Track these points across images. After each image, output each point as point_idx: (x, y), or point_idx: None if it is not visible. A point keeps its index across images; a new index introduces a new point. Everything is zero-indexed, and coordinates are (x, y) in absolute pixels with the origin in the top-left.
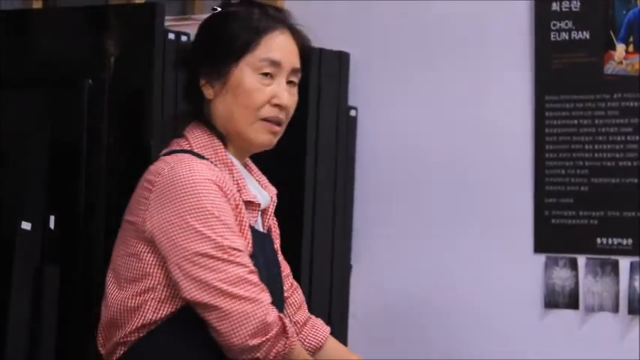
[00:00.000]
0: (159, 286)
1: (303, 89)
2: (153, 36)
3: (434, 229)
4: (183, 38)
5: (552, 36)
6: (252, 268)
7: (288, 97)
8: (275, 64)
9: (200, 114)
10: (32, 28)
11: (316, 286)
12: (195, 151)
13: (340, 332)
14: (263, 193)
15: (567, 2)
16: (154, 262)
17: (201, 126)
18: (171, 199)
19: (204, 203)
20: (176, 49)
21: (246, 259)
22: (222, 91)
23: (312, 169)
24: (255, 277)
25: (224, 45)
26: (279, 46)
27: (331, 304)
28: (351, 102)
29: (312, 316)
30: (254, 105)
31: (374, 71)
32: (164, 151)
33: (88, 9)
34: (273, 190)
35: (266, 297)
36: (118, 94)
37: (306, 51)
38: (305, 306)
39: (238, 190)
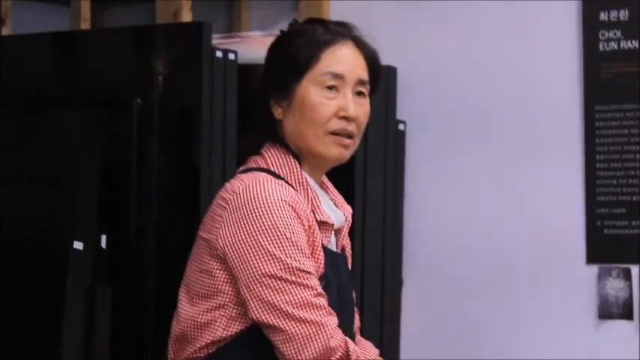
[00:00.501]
0: (230, 304)
1: None
2: (200, 55)
3: (486, 238)
4: (231, 56)
5: (601, 46)
6: (320, 291)
7: (356, 109)
8: (338, 76)
9: (274, 134)
10: (80, 49)
11: (367, 303)
12: (272, 169)
13: (391, 351)
14: (337, 212)
15: (615, 12)
16: (225, 280)
17: (276, 145)
18: (244, 219)
19: (277, 224)
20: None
21: (315, 282)
22: (289, 110)
23: (361, 183)
24: (321, 300)
25: (287, 63)
26: (341, 59)
27: (382, 320)
28: (399, 116)
29: (362, 339)
30: (320, 119)
31: (421, 85)
32: (241, 169)
33: (135, 29)
34: (349, 210)
35: (331, 321)
36: (167, 113)
37: (373, 62)
38: (359, 332)
39: (312, 210)
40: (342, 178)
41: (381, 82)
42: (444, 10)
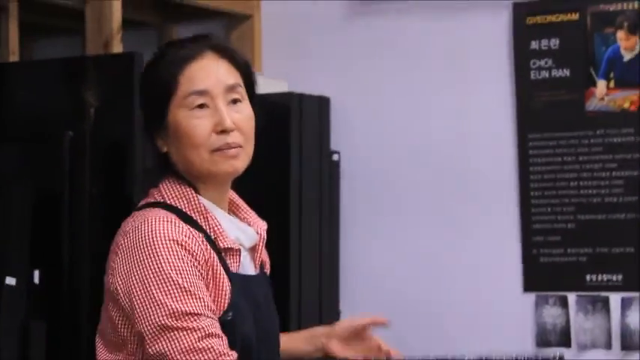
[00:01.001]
0: (138, 353)
1: (284, 135)
2: (132, 86)
3: (422, 272)
4: None
5: (532, 74)
6: (211, 331)
7: (233, 118)
8: (203, 93)
9: (167, 167)
10: (10, 82)
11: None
12: (168, 202)
13: None
14: (248, 231)
15: (546, 40)
16: (128, 328)
17: (172, 176)
18: (132, 263)
19: (163, 266)
20: None
21: (205, 323)
22: (170, 141)
23: (296, 215)
24: (210, 342)
25: (152, 95)
26: (201, 74)
27: None
28: (333, 146)
29: None
30: (199, 142)
31: (355, 115)
32: (140, 204)
33: (65, 60)
34: (263, 226)
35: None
36: (99, 145)
37: (239, 63)
38: None
39: (215, 238)
40: (278, 209)
41: (254, 79)
42: (377, 41)
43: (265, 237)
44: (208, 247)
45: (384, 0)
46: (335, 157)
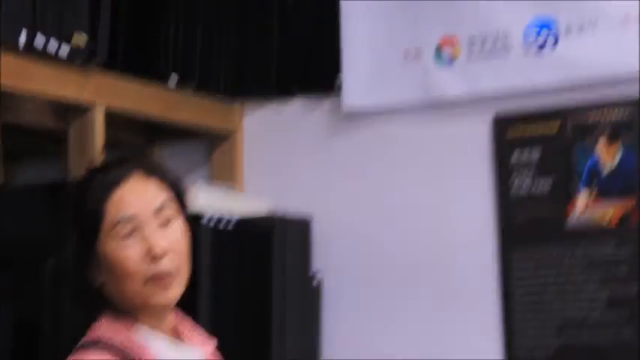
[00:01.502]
0: None
1: (266, 257)
2: None
3: None
4: None
5: (514, 189)
6: None
7: (164, 241)
8: (130, 219)
9: (103, 301)
10: None
11: None
12: (104, 340)
13: None
14: (194, 354)
15: (528, 153)
16: None
17: (109, 309)
18: None
19: None
20: None
21: None
22: (103, 273)
23: (278, 336)
24: None
25: (80, 227)
26: (126, 200)
27: None
28: (315, 267)
29: None
30: (131, 272)
31: (337, 236)
32: (80, 341)
33: (46, 186)
34: (209, 347)
35: None
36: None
37: (166, 178)
38: None
39: None
40: (259, 330)
41: (184, 193)
42: (357, 157)
43: (216, 356)
44: None
45: (364, 115)
46: (318, 277)
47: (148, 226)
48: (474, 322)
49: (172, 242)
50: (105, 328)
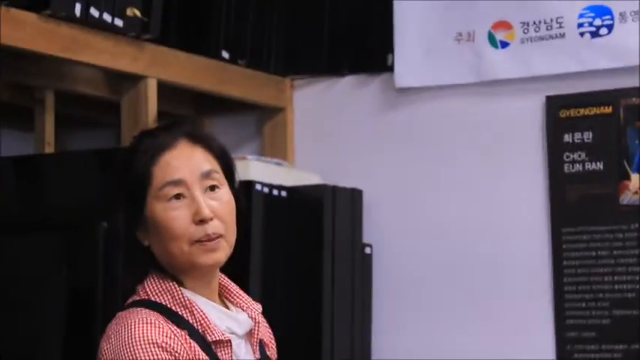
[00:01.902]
0: None
1: (317, 227)
2: None
3: None
4: None
5: (566, 167)
6: None
7: (211, 206)
8: (178, 183)
9: (150, 263)
10: (44, 173)
11: None
12: (152, 299)
13: None
14: (240, 318)
15: (579, 134)
16: None
17: (156, 272)
18: None
19: None
20: None
21: None
22: (150, 235)
23: (329, 306)
24: None
25: (128, 191)
26: (173, 164)
27: None
28: (365, 239)
29: None
30: (178, 234)
31: (388, 209)
32: (126, 302)
33: (98, 152)
34: (256, 309)
35: None
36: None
37: (214, 148)
38: None
39: (203, 332)
40: (310, 301)
41: (233, 164)
42: (409, 134)
43: (261, 320)
44: (192, 344)
45: (416, 92)
46: (367, 250)
47: (195, 190)
48: (525, 299)
49: (218, 207)
50: (151, 288)
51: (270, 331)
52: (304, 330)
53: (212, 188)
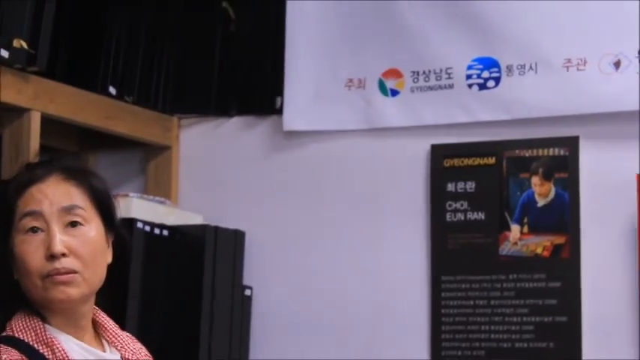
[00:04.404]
0: None
1: (198, 267)
2: None
3: None
4: None
5: (448, 216)
6: None
7: (67, 242)
8: (34, 214)
9: (20, 298)
10: None
11: None
12: (16, 336)
13: None
14: (109, 358)
15: (462, 183)
16: None
17: (25, 308)
18: None
19: None
20: None
21: None
22: (16, 269)
23: (206, 349)
24: None
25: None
26: (36, 197)
27: None
28: (246, 281)
29: None
30: (30, 268)
31: (269, 251)
32: None
33: None
34: (133, 350)
35: None
36: None
37: (88, 184)
38: None
39: None
40: (188, 342)
41: (110, 202)
42: (293, 177)
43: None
44: None
45: (302, 136)
46: (247, 292)
47: (52, 225)
48: (403, 344)
49: (76, 244)
50: (17, 324)
51: None
52: None
53: (73, 224)
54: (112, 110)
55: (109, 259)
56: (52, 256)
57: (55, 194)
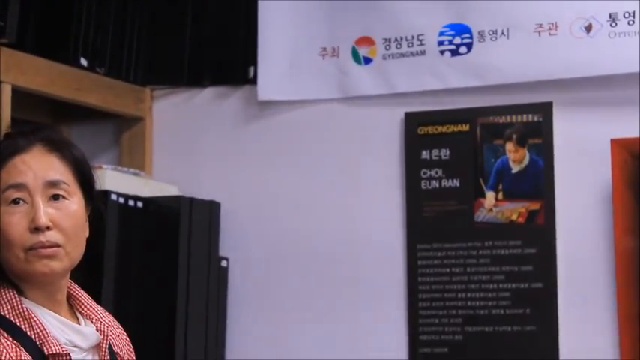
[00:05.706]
0: None
1: (173, 239)
2: None
3: None
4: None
5: (423, 184)
6: None
7: (51, 215)
8: (19, 187)
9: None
10: None
11: None
12: None
13: None
14: (86, 330)
15: (437, 150)
16: None
17: (1, 281)
18: None
19: None
20: None
21: None
22: None
23: (182, 319)
24: None
25: None
26: (20, 168)
27: None
28: (222, 252)
29: None
30: (12, 240)
31: (245, 221)
32: None
33: None
34: (107, 323)
35: None
36: None
37: (71, 158)
38: None
39: (40, 344)
40: (164, 313)
41: (90, 176)
42: (268, 147)
43: (109, 334)
44: (23, 356)
45: (276, 105)
46: (224, 262)
47: (37, 197)
48: (380, 313)
49: (60, 218)
50: None
51: (130, 344)
52: (158, 341)
53: (56, 197)
54: (84, 82)
55: (87, 232)
56: (36, 229)
57: (40, 167)
